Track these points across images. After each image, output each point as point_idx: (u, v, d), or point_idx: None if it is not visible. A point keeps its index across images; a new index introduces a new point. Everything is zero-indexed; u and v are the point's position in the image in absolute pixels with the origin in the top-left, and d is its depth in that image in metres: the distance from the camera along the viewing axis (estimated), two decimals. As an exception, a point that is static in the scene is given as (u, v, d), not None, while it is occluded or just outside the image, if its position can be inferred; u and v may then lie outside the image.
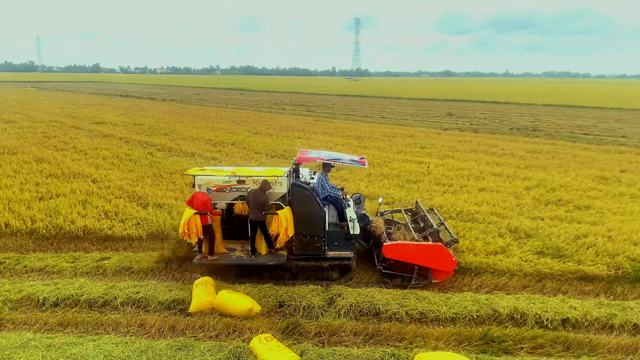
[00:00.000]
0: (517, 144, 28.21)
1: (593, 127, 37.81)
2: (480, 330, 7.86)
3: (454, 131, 34.22)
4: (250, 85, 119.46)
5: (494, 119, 43.67)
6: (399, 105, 59.59)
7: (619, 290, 9.70)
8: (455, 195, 15.75)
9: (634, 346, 7.66)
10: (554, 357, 7.27)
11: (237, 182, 9.99)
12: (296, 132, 31.94)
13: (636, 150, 26.43)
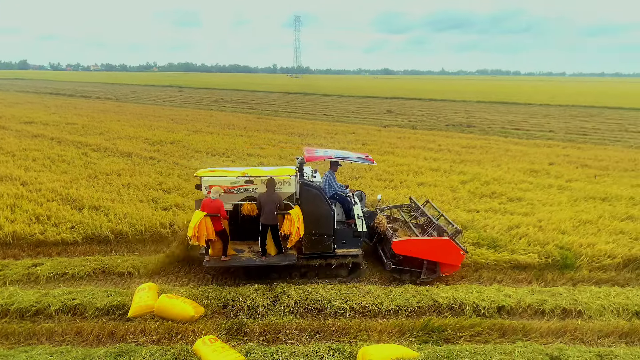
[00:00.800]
0: (453, 139, 29.19)
1: (523, 123, 39.70)
2: (421, 321, 8.11)
3: (393, 128, 34.96)
4: (189, 82, 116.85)
5: (431, 115, 44.95)
6: (340, 103, 60.16)
7: (549, 277, 10.26)
8: (396, 190, 16.10)
9: (563, 329, 8.13)
10: (491, 343, 7.58)
11: (245, 183, 9.80)
12: (238, 129, 31.60)
13: (563, 144, 28.00)
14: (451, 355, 6.82)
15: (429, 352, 6.93)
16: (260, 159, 21.11)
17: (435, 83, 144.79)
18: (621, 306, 8.80)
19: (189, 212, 13.18)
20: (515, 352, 7.01)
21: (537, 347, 7.25)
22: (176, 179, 17.07)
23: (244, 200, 9.96)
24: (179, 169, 18.83)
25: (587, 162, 22.35)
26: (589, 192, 16.46)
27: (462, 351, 6.95)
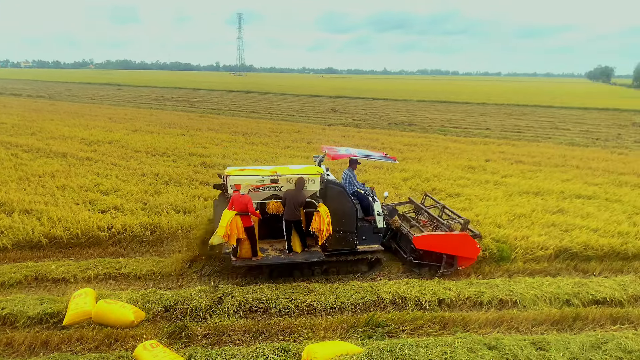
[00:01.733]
0: (395, 137, 29.78)
1: (461, 121, 41.04)
2: (365, 316, 8.22)
3: (338, 126, 35.24)
4: (127, 80, 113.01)
5: (374, 114, 45.65)
6: (285, 101, 60.01)
7: (487, 269, 10.66)
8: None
9: (500, 319, 8.48)
10: (433, 336, 7.80)
11: (271, 182, 9.82)
12: (179, 128, 30.87)
13: (498, 142, 29.17)
14: (394, 349, 6.95)
15: (373, 347, 7.03)
16: (203, 159, 20.72)
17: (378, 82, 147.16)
18: (553, 295, 9.27)
19: (128, 214, 12.76)
20: (455, 344, 7.23)
21: (476, 337, 7.52)
22: (114, 180, 16.46)
23: (269, 199, 9.98)
24: (117, 170, 18.18)
25: (521, 158, 23.38)
26: (523, 187, 17.23)
27: (404, 345, 7.10)
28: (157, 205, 13.62)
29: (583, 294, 9.33)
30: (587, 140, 31.15)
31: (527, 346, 7.29)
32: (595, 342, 7.50)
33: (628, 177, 19.51)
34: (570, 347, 7.33)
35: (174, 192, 15.21)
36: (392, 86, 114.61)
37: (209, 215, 12.29)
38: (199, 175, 17.74)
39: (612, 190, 17.25)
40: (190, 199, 14.36)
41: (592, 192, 16.73)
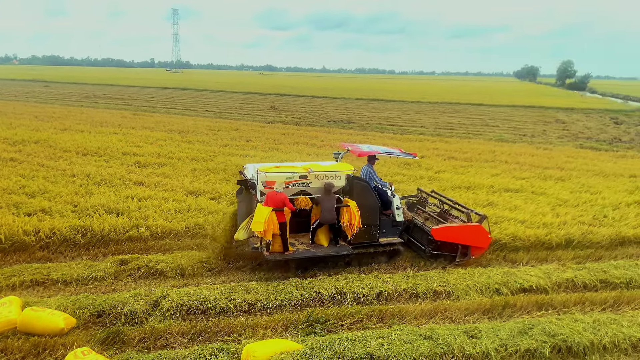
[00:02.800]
0: (335, 135, 30.09)
1: (397, 119, 42.04)
2: (305, 313, 8.27)
3: (277, 124, 35.16)
4: (56, 76, 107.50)
5: (313, 112, 45.89)
6: (223, 99, 59.15)
7: (422, 262, 10.99)
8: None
9: (434, 310, 8.77)
10: (371, 329, 7.95)
11: (300, 178, 10.08)
12: (112, 127, 29.74)
13: (432, 139, 30.12)
14: (333, 343, 7.04)
15: (313, 343, 7.08)
16: (137, 158, 20.07)
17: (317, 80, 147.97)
18: (484, 285, 9.69)
19: (57, 217, 12.16)
20: (392, 335, 7.41)
21: (412, 329, 7.74)
22: (42, 181, 15.63)
23: (298, 195, 10.31)
24: (44, 171, 17.26)
25: (454, 154, 24.27)
26: (455, 182, 17.89)
27: (343, 339, 7.20)
28: (89, 207, 13.07)
29: (511, 283, 9.81)
30: (515, 136, 32.75)
31: (460, 335, 7.58)
32: (522, 328, 7.91)
33: (552, 171, 20.69)
34: (499, 333, 7.69)
35: (106, 193, 14.65)
36: (331, 84, 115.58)
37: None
38: (133, 175, 17.19)
39: (537, 183, 18.25)
40: (124, 200, 13.88)
41: (520, 186, 17.62)
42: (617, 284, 10.11)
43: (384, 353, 6.94)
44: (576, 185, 18.28)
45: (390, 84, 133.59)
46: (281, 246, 9.81)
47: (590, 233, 12.66)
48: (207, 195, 14.77)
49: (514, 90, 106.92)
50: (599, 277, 10.25)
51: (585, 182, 18.73)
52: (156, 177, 17.00)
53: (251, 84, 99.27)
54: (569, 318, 8.37)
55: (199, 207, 13.52)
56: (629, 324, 8.20)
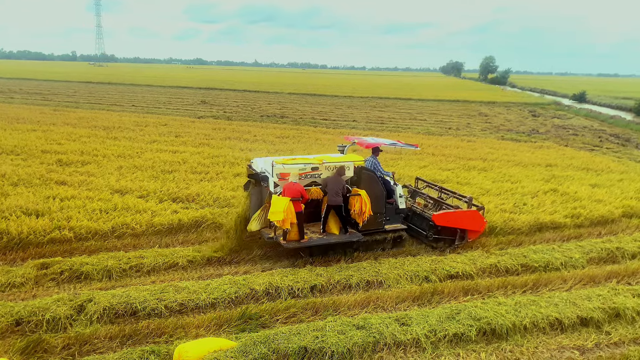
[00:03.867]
0: (268, 130, 29.92)
1: (330, 113, 42.42)
2: (239, 310, 8.19)
3: (208, 119, 34.47)
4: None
5: (245, 106, 45.38)
6: (150, 93, 57.16)
7: (356, 254, 11.16)
8: (212, 183, 15.93)
9: (367, 300, 8.96)
10: (305, 322, 8.00)
11: (312, 170, 10.58)
12: (30, 124, 27.95)
13: (364, 133, 30.61)
14: (268, 339, 7.03)
15: (247, 340, 7.03)
16: (59, 156, 19.00)
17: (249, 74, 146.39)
18: (413, 273, 10.02)
19: (-33, 220, 11.29)
20: (326, 327, 7.50)
21: (346, 319, 7.87)
22: (-51, 182, 14.45)
23: (310, 186, 10.74)
24: (-48, 171, 15.96)
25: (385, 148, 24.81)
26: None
27: (277, 334, 7.20)
28: (5, 209, 12.23)
29: (439, 270, 10.20)
30: (442, 129, 33.98)
31: (391, 323, 7.80)
32: (450, 313, 8.25)
33: (476, 162, 21.65)
34: (429, 320, 7.98)
35: (24, 193, 13.76)
36: (263, 78, 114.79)
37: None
38: (54, 174, 16.25)
39: (462, 174, 19.03)
40: (44, 201, 13.10)
41: (446, 177, 18.29)
42: (536, 268, 10.76)
43: (318, 345, 7.01)
44: (498, 175, 19.23)
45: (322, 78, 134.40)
46: (297, 234, 10.22)
47: (512, 220, 13.37)
48: (134, 194, 14.24)
49: (440, 85, 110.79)
50: (520, 262, 10.86)
51: (507, 172, 19.75)
52: (80, 176, 16.18)
53: (180, 78, 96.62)
54: (492, 302, 8.82)
55: (126, 205, 13.03)
56: (546, 305, 8.75)
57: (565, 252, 11.50)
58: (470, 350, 7.56)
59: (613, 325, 8.55)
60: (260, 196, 11.09)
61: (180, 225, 12.09)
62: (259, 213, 10.70)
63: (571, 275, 10.42)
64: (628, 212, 14.70)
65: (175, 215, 12.47)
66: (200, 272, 9.96)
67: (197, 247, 11.13)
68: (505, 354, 7.55)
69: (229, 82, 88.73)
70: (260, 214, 10.66)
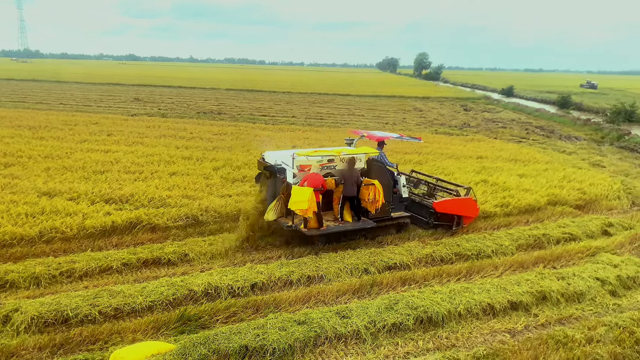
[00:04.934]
0: (205, 127, 29.36)
1: (269, 109, 42.19)
2: (177, 312, 8.01)
3: (142, 117, 33.39)
4: None
5: (181, 103, 44.30)
6: (80, 91, 54.59)
7: (296, 250, 11.20)
8: (146, 182, 15.45)
9: (308, 295, 9.01)
10: (246, 321, 7.94)
11: (328, 161, 11.35)
12: (-56, 124, 26.00)
13: (303, 128, 30.71)
14: (208, 340, 6.93)
15: (186, 342, 6.90)
16: (-22, 158, 17.80)
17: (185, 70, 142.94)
18: (353, 266, 10.17)
19: None
20: (267, 325, 7.49)
21: (287, 315, 7.89)
22: None
23: (325, 177, 11.22)
24: None
25: (324, 143, 24.94)
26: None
27: (218, 334, 7.12)
28: None
29: (378, 262, 10.42)
30: (379, 124, 34.61)
31: (332, 317, 7.89)
32: (388, 303, 8.45)
33: (411, 156, 22.18)
34: (368, 311, 8.15)
35: (-61, 199, 12.81)
36: (199, 74, 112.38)
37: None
38: (-27, 177, 15.22)
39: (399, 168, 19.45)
40: (-38, 206, 12.25)
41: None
42: (469, 256, 11.21)
43: (259, 343, 6.99)
44: (432, 167, 19.82)
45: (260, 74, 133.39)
46: (317, 222, 10.84)
47: (446, 211, 13.82)
48: (64, 196, 13.58)
49: (377, 81, 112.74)
50: (454, 251, 11.29)
51: (440, 165, 20.40)
52: (3, 179, 15.23)
53: (112, 75, 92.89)
54: (429, 290, 9.12)
55: (55, 209, 12.40)
56: (479, 291, 9.15)
57: (495, 240, 12.05)
58: (408, 339, 7.78)
59: (540, 307, 9.05)
60: (274, 187, 11.71)
61: (114, 227, 11.65)
62: (274, 203, 11.26)
63: (501, 262, 10.93)
64: (552, 200, 15.56)
65: (109, 217, 12.01)
66: (136, 275, 9.67)
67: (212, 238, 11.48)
68: (441, 341, 7.83)
69: (164, 78, 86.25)
70: (276, 204, 11.23)
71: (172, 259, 10.28)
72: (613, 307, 9.27)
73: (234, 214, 12.91)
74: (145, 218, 12.08)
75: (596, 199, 16.06)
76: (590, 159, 23.86)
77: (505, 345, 7.73)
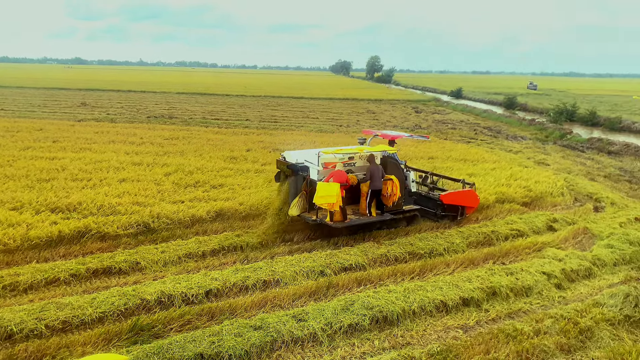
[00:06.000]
0: (155, 131, 28.73)
1: (222, 113, 41.73)
2: (129, 322, 7.80)
3: (89, 122, 32.38)
4: None
5: (131, 107, 43.21)
6: (22, 96, 52.31)
7: (252, 255, 11.12)
8: (95, 190, 14.98)
9: (264, 300, 8.96)
10: (201, 329, 7.81)
11: (349, 159, 12.36)
12: None
13: (257, 132, 30.54)
14: (161, 349, 6.79)
15: (139, 352, 6.75)
16: None
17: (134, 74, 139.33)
18: (309, 269, 10.20)
19: None
20: (223, 331, 7.41)
21: (243, 321, 7.83)
22: None
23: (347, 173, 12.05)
24: None
25: (278, 146, 24.84)
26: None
27: (172, 343, 6.99)
28: None
29: (334, 264, 10.48)
30: (333, 127, 34.85)
31: (289, 320, 7.88)
32: (344, 305, 8.52)
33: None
34: (325, 313, 8.19)
35: None
36: (150, 78, 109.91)
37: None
38: None
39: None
40: None
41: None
42: (422, 254, 11.45)
43: (215, 350, 6.91)
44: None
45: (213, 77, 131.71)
46: (341, 216, 11.61)
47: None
48: (5, 206, 12.97)
49: (330, 84, 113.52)
50: (408, 250, 11.49)
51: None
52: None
53: (57, 79, 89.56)
54: (384, 290, 9.25)
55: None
56: (432, 289, 9.35)
57: (447, 238, 12.35)
58: (364, 339, 7.87)
59: (491, 302, 9.34)
60: (296, 184, 12.19)
61: (61, 237, 11.22)
62: (297, 199, 11.87)
63: (453, 259, 11.22)
64: (500, 198, 16.09)
65: (55, 226, 11.55)
66: (86, 286, 9.37)
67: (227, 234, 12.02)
68: (396, 339, 7.96)
69: (112, 82, 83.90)
70: (299, 200, 11.85)
71: (124, 268, 10.01)
72: (559, 299, 9.68)
73: (186, 220, 12.70)
74: (94, 226, 11.71)
75: (541, 196, 16.72)
76: (535, 158, 24.84)
77: (458, 341, 7.93)
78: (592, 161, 25.32)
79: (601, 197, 16.99)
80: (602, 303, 9.14)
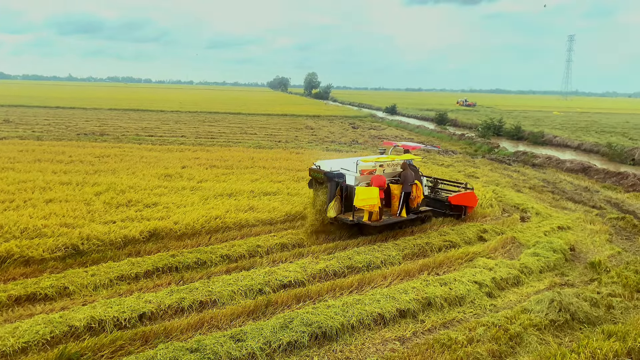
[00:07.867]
0: (86, 149, 27.57)
1: (157, 129, 40.69)
2: (55, 352, 7.36)
3: (13, 140, 30.63)
4: None
5: (59, 124, 41.29)
6: None
7: (188, 275, 10.82)
8: (19, 212, 14.13)
9: (201, 321, 8.72)
10: (134, 354, 7.50)
11: (379, 166, 13.90)
12: None
13: (193, 148, 29.98)
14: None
15: (66, 383, 6.36)
16: None
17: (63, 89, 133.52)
18: (247, 287, 10.05)
19: None
20: (157, 356, 7.15)
21: (178, 344, 7.58)
22: None
23: None
24: None
25: (215, 162, 24.58)
26: (218, 190, 18.10)
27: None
28: None
29: (273, 281, 10.39)
30: (272, 142, 34.82)
31: (226, 341, 7.72)
32: (283, 322, 8.44)
33: (303, 173, 22.49)
34: (263, 332, 8.07)
35: None
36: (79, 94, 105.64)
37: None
38: None
39: (292, 185, 19.69)
40: None
41: (277, 189, 18.76)
42: (360, 268, 11.59)
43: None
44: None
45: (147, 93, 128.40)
46: (377, 216, 13.15)
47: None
48: None
49: (268, 100, 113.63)
50: (346, 264, 11.59)
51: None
52: None
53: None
54: (323, 305, 9.26)
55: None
56: (370, 302, 9.47)
57: (384, 251, 12.58)
58: (304, 356, 7.83)
59: (426, 313, 9.57)
60: (332, 189, 13.28)
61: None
62: (333, 203, 13.16)
63: (390, 271, 11.42)
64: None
65: (-28, 252, 10.78)
66: (7, 315, 8.77)
67: (161, 254, 11.74)
68: (336, 355, 7.98)
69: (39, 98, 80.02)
70: (334, 204, 13.16)
71: (50, 294, 9.47)
72: (490, 307, 10.06)
73: (118, 241, 12.22)
74: (17, 251, 11.03)
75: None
76: (466, 171, 25.89)
77: (395, 353, 8.06)
78: (518, 173, 26.68)
79: (527, 207, 17.90)
80: (529, 309, 9.57)
